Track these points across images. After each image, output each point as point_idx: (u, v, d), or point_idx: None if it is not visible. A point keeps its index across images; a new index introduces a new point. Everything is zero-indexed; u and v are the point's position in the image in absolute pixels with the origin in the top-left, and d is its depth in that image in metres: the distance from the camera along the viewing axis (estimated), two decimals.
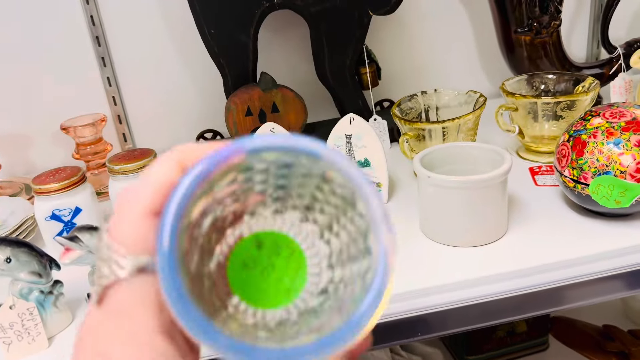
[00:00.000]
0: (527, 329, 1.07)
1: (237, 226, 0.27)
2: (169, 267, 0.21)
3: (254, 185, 0.26)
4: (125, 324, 0.23)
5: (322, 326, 0.24)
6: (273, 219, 0.28)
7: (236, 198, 0.26)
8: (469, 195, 0.58)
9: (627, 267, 0.56)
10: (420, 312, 0.53)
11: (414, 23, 0.99)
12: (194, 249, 0.25)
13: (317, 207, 0.27)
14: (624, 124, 0.58)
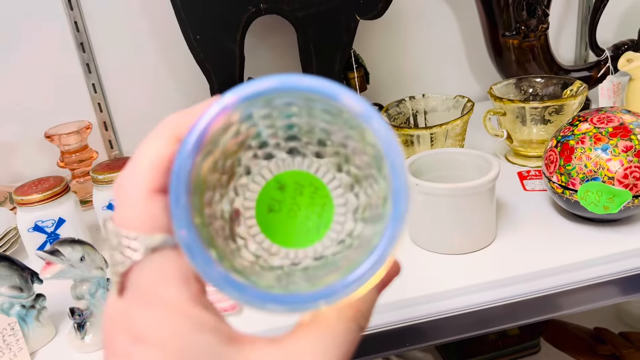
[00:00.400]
0: (518, 332, 1.06)
1: (255, 172, 0.26)
2: (193, 242, 0.21)
3: (261, 131, 0.25)
4: (154, 303, 0.22)
5: (319, 278, 0.24)
6: (292, 160, 0.27)
7: (246, 147, 0.26)
8: (458, 202, 0.57)
9: (618, 274, 0.55)
10: (410, 322, 0.52)
11: (402, 27, 0.98)
12: (210, 207, 0.24)
13: (341, 154, 0.26)
14: (611, 130, 0.58)
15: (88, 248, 0.51)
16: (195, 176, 0.22)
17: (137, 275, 0.22)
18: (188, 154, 0.22)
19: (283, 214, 0.26)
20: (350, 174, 0.26)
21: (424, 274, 0.56)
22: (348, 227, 0.26)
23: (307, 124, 0.25)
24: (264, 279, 0.24)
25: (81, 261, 0.50)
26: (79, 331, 0.52)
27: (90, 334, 0.52)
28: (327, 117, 0.24)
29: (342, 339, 0.23)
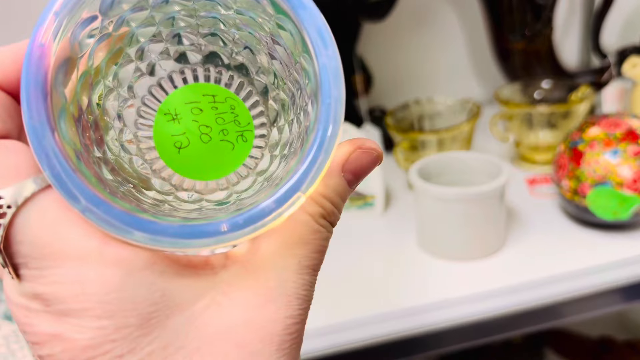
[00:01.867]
0: (522, 342, 1.06)
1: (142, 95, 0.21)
2: (61, 167, 0.16)
3: (134, 31, 0.20)
4: (56, 263, 0.17)
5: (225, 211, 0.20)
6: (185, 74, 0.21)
7: (125, 57, 0.20)
8: (467, 207, 0.57)
9: (628, 279, 0.55)
10: (416, 330, 0.51)
11: (406, 30, 0.98)
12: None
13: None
14: (620, 135, 0.57)
15: None
16: (55, 92, 0.17)
17: (21, 240, 0.17)
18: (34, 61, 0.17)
19: (193, 146, 0.21)
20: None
21: (431, 280, 0.56)
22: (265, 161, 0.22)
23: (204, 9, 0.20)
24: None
25: None
26: None
27: None
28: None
29: (310, 238, 0.20)
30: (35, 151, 0.16)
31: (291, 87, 0.21)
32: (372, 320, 0.51)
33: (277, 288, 0.19)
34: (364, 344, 0.50)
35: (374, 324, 0.51)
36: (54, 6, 0.17)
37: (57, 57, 0.17)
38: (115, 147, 0.20)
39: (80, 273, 0.17)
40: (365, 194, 0.68)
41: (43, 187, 0.17)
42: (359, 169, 0.21)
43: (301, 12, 0.19)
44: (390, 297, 0.53)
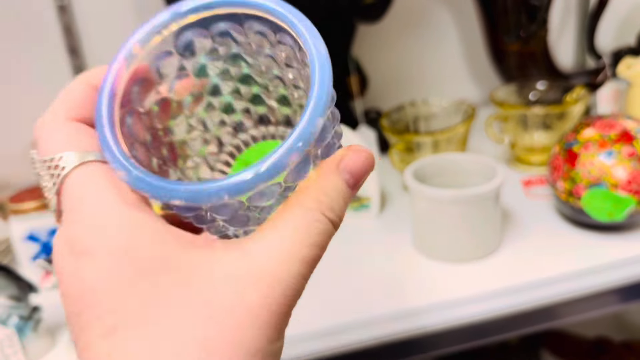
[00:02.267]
0: (519, 343, 1.06)
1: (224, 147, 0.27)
2: (112, 141, 0.21)
3: (212, 77, 0.25)
4: (88, 211, 0.20)
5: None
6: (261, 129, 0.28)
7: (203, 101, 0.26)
8: (463, 209, 0.57)
9: (624, 280, 0.55)
10: (412, 332, 0.51)
11: (401, 32, 0.98)
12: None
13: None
14: (614, 136, 0.58)
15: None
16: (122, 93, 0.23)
17: (67, 192, 0.21)
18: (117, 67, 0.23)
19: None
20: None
21: (427, 282, 0.55)
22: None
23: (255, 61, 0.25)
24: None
25: None
26: None
27: None
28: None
29: (307, 231, 0.21)
30: (99, 135, 0.22)
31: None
32: (368, 322, 0.51)
33: (268, 272, 0.20)
34: (359, 346, 0.50)
35: (369, 326, 0.51)
36: (135, 35, 0.23)
37: (134, 73, 0.23)
38: (187, 173, 0.26)
39: (100, 219, 0.20)
40: (360, 196, 0.68)
41: (98, 159, 0.22)
42: (354, 168, 0.22)
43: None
44: (386, 299, 0.53)
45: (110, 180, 0.21)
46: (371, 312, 0.52)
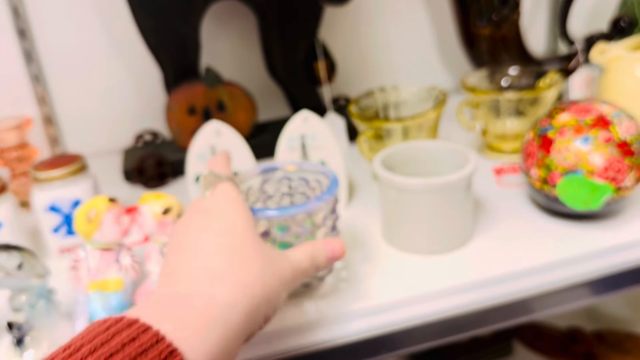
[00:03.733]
0: (491, 335, 1.04)
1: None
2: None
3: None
4: (224, 197, 0.40)
5: None
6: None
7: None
8: (435, 198, 0.53)
9: (598, 272, 0.53)
10: (383, 329, 0.48)
11: (371, 16, 0.94)
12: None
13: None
14: (590, 121, 0.55)
15: (27, 254, 0.46)
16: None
17: (223, 186, 0.41)
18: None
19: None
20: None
21: (399, 276, 0.52)
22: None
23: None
24: None
25: (19, 269, 0.44)
26: (18, 347, 0.46)
27: (30, 349, 0.46)
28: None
29: (311, 259, 0.41)
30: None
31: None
32: (335, 320, 0.47)
33: (289, 264, 0.39)
34: (326, 345, 0.46)
35: (336, 324, 0.47)
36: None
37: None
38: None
39: (229, 201, 0.41)
40: None
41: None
42: (335, 254, 0.43)
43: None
44: (354, 295, 0.50)
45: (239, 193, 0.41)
46: (338, 309, 0.48)
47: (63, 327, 0.49)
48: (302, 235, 0.47)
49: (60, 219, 0.59)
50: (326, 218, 0.49)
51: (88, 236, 0.50)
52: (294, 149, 0.64)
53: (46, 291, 0.48)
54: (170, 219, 0.51)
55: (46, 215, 0.59)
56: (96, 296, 0.49)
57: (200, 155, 0.63)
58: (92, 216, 0.49)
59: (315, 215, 0.47)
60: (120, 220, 0.51)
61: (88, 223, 0.49)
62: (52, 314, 0.48)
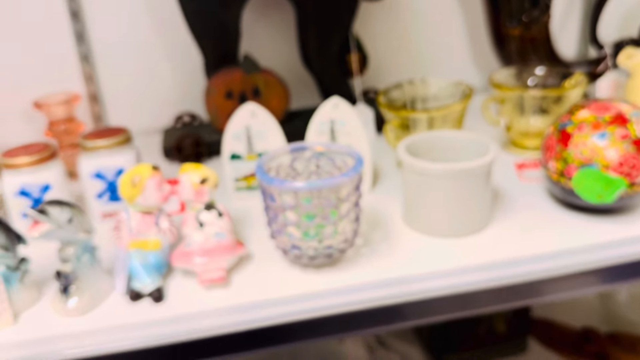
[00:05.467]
0: (506, 330, 1.06)
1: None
2: None
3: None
4: None
5: None
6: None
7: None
8: (454, 184, 0.57)
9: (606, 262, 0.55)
10: (399, 299, 0.51)
11: (404, 13, 0.97)
12: None
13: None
14: (608, 118, 0.57)
15: (76, 211, 0.50)
16: None
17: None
18: None
19: None
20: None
21: (414, 254, 0.56)
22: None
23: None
24: None
25: (69, 223, 0.49)
26: (64, 294, 0.50)
27: (75, 297, 0.50)
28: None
29: None
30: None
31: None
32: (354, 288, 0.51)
33: None
34: (345, 309, 0.50)
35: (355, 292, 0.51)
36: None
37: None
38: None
39: None
40: None
41: None
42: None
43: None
44: (372, 268, 0.53)
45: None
46: (357, 280, 0.52)
47: (104, 280, 0.54)
48: (326, 207, 0.51)
49: (104, 185, 0.64)
50: (350, 194, 0.52)
51: (131, 200, 0.54)
52: (323, 133, 0.67)
53: (91, 247, 0.53)
54: (206, 188, 0.56)
55: (91, 182, 0.64)
56: (136, 254, 0.53)
57: (236, 135, 0.67)
58: (137, 181, 0.54)
59: (339, 190, 0.51)
60: (161, 187, 0.55)
61: (132, 187, 0.54)
62: (95, 268, 0.53)
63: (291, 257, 0.55)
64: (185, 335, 0.47)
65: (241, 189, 0.70)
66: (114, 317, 0.50)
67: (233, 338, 0.48)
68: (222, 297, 0.51)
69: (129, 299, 0.52)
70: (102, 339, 0.48)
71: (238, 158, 0.68)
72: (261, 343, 0.49)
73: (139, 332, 0.48)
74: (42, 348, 0.48)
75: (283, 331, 0.49)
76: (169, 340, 0.47)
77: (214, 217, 0.55)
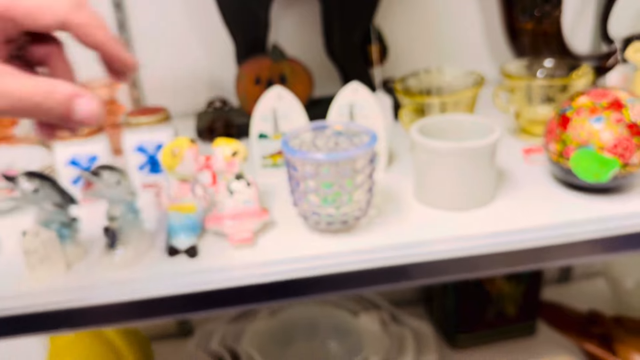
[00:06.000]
0: (516, 312, 1.11)
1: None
2: None
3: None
4: None
5: None
6: None
7: None
8: (460, 161, 0.62)
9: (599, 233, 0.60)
10: (407, 260, 0.57)
11: (424, 6, 1.03)
12: None
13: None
14: (605, 104, 0.62)
15: (123, 175, 0.57)
16: None
17: None
18: None
19: None
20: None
21: (423, 223, 0.61)
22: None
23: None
24: None
25: (117, 185, 0.56)
26: (111, 247, 0.58)
27: (120, 251, 0.58)
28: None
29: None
30: None
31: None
32: (366, 251, 0.57)
33: None
34: (357, 267, 0.56)
35: (367, 254, 0.57)
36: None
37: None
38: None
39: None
40: None
41: None
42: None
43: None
44: (383, 234, 0.59)
45: None
46: (369, 244, 0.58)
47: (146, 238, 0.61)
48: (343, 177, 0.57)
49: (145, 158, 0.71)
50: (364, 167, 0.58)
51: (171, 168, 0.61)
52: (343, 115, 0.73)
53: (134, 208, 0.60)
54: (237, 160, 0.62)
55: (134, 155, 0.71)
56: (174, 215, 0.60)
57: (263, 116, 0.74)
58: (176, 152, 0.61)
59: (355, 162, 0.57)
60: (197, 158, 0.62)
61: (172, 157, 0.61)
62: (138, 227, 0.60)
63: (311, 222, 0.61)
64: (215, 284, 0.54)
65: (267, 166, 0.76)
66: (154, 269, 0.57)
67: (257, 289, 0.55)
68: (248, 254, 0.58)
69: (168, 254, 0.59)
70: (141, 287, 0.55)
71: (265, 137, 0.75)
72: (282, 295, 0.55)
73: (175, 281, 0.55)
74: (89, 293, 0.55)
75: (302, 284, 0.55)
76: (202, 288, 0.54)
77: (243, 186, 0.62)
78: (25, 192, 0.56)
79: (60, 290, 0.55)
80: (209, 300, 0.54)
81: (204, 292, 0.54)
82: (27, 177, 0.56)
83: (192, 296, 0.54)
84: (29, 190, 0.56)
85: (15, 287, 0.56)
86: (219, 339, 0.96)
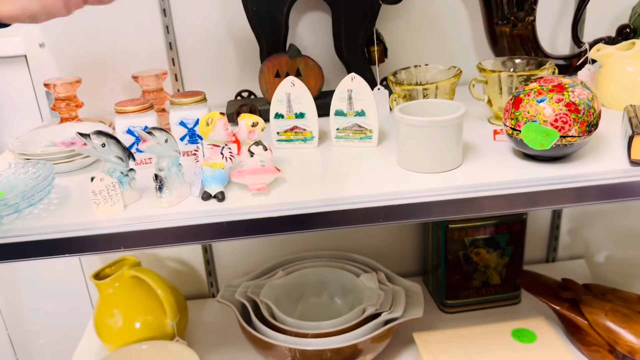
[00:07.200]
0: (500, 282, 1.25)
1: None
2: None
3: None
4: None
5: None
6: None
7: None
8: (432, 132, 0.79)
9: (542, 187, 0.75)
10: (390, 202, 0.73)
11: (418, 12, 1.20)
12: None
13: None
14: (550, 87, 0.78)
15: (170, 135, 0.75)
16: None
17: None
18: None
19: None
20: None
21: (403, 180, 0.78)
22: None
23: None
24: None
25: (166, 142, 0.74)
26: (158, 191, 0.75)
27: (166, 193, 0.75)
28: None
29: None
30: None
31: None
32: (359, 198, 0.74)
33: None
34: (357, 206, 0.72)
35: (358, 199, 0.73)
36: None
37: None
38: None
39: None
40: (365, 128, 0.91)
41: None
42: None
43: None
44: (370, 186, 0.76)
45: None
46: (362, 192, 0.75)
47: (185, 186, 0.78)
48: None
49: (186, 131, 0.90)
50: None
51: (206, 135, 0.79)
52: (343, 99, 0.90)
53: (178, 162, 0.78)
54: (257, 130, 0.80)
55: (177, 128, 0.90)
56: (207, 170, 0.78)
57: (279, 99, 0.92)
58: (210, 122, 0.78)
59: None
60: (226, 127, 0.79)
61: (206, 126, 0.79)
62: (180, 178, 0.78)
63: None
64: (237, 217, 0.72)
65: (281, 141, 0.94)
66: (192, 208, 0.75)
67: (268, 221, 0.72)
68: (263, 200, 0.75)
69: (202, 199, 0.77)
70: (181, 218, 0.72)
71: (281, 117, 0.92)
72: (287, 227, 0.72)
73: (207, 214, 0.73)
74: (142, 225, 0.72)
75: (301, 219, 0.72)
76: (227, 219, 0.71)
77: (261, 150, 0.79)
78: (95, 146, 0.74)
79: (119, 223, 0.73)
80: (231, 229, 0.71)
81: (229, 221, 0.71)
82: (96, 134, 0.74)
83: (219, 225, 0.71)
84: (98, 144, 0.74)
85: (87, 219, 0.74)
86: (241, 292, 1.13)
